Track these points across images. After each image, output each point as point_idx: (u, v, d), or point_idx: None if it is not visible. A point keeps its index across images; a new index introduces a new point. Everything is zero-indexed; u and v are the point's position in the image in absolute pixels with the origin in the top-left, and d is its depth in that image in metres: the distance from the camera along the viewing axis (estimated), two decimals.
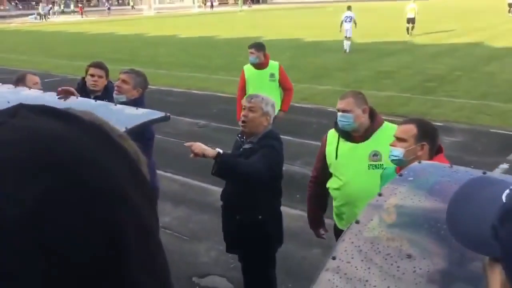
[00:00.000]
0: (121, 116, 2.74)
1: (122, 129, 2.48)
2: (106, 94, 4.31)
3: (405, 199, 1.57)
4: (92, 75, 4.43)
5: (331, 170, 3.41)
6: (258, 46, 6.60)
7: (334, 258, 1.43)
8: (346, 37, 19.92)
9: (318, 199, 3.65)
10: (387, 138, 3.14)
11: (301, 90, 13.52)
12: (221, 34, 29.45)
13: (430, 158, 2.65)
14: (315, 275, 1.45)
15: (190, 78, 16.15)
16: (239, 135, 3.45)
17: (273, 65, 6.66)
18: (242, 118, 3.29)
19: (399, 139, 2.72)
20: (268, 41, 26.33)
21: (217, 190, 6.67)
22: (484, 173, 1.73)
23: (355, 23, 19.99)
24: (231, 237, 3.59)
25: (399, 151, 2.69)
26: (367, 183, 3.00)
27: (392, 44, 21.95)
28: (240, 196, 3.42)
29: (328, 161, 3.40)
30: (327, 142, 3.45)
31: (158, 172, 7.36)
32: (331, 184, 3.45)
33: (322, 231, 3.79)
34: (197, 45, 25.39)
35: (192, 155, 2.96)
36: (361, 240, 1.46)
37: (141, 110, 2.83)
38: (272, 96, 6.41)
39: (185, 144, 3.02)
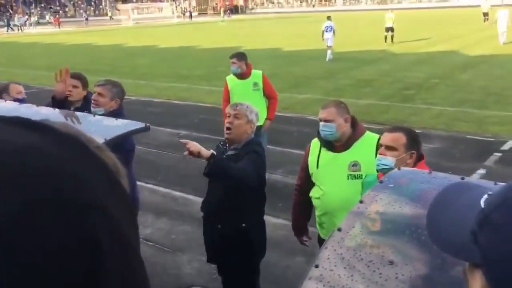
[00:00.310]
0: (99, 128, 2.72)
1: (101, 140, 2.45)
2: (86, 105, 4.26)
3: (386, 205, 1.58)
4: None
5: (313, 179, 3.42)
6: (240, 56, 6.57)
7: (317, 266, 1.43)
8: (327, 46, 20.15)
9: (302, 207, 3.66)
10: (368, 148, 3.17)
11: (282, 99, 13.49)
12: (201, 44, 29.46)
13: (414, 165, 2.67)
14: (299, 283, 1.44)
15: (170, 88, 16.10)
16: (221, 143, 3.48)
17: (256, 74, 6.64)
18: (227, 125, 3.32)
19: (388, 148, 2.68)
20: (249, 50, 26.39)
21: (199, 200, 6.60)
22: (462, 178, 1.76)
23: (334, 33, 20.23)
24: (213, 247, 3.56)
25: (389, 160, 2.66)
26: (346, 193, 3.02)
27: (371, 53, 22.25)
28: (221, 204, 3.40)
29: (310, 170, 3.41)
30: (310, 152, 3.47)
31: (139, 183, 7.29)
32: (313, 193, 3.46)
33: (305, 238, 3.79)
34: (177, 55, 25.34)
35: (186, 152, 2.92)
36: (343, 248, 1.46)
37: (120, 121, 2.80)
38: (257, 106, 6.40)
39: (180, 140, 2.99)
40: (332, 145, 3.30)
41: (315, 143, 3.46)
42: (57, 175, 0.40)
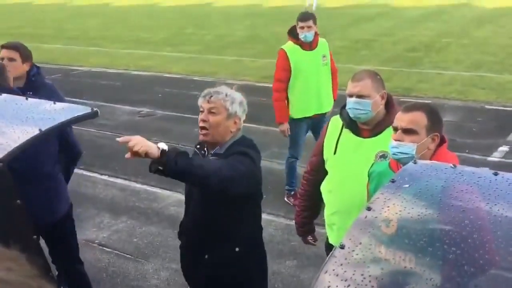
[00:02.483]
0: (34, 114, 2.54)
1: (35, 131, 2.27)
2: (30, 84, 4.05)
3: (402, 213, 1.47)
4: (2, 58, 4.16)
5: (326, 166, 3.22)
6: (314, 17, 5.68)
7: None
8: None
9: (311, 202, 3.49)
10: None
11: (264, 66, 13.40)
12: (163, 1, 28.97)
13: (435, 151, 2.56)
14: None
15: (128, 55, 15.80)
16: (198, 146, 3.04)
17: (323, 44, 5.85)
18: (201, 124, 2.88)
19: (407, 131, 2.51)
20: (222, 8, 26.12)
21: (166, 194, 6.56)
22: (496, 173, 1.65)
23: None
24: (196, 282, 3.23)
25: (409, 147, 2.49)
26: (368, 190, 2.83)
27: (370, 7, 22.14)
28: (207, 228, 2.98)
29: (326, 155, 3.21)
30: (328, 132, 3.26)
31: (90, 174, 7.16)
32: (323, 185, 3.27)
33: (310, 238, 3.67)
34: (135, 15, 24.87)
35: (128, 155, 2.39)
36: (348, 271, 1.35)
37: (60, 105, 2.62)
38: (326, 86, 5.87)
39: (118, 139, 2.47)
40: (357, 127, 3.10)
41: (335, 121, 3.24)
42: None
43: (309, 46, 5.70)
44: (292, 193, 6.00)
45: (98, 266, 4.91)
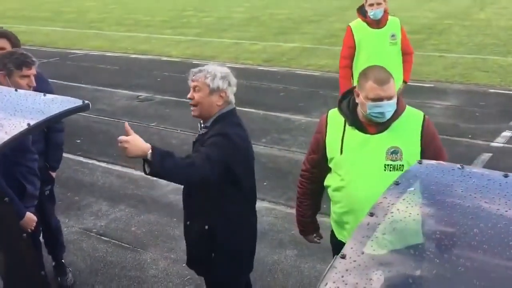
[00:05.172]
0: (23, 107, 2.45)
1: (23, 125, 2.17)
2: None
3: (406, 220, 1.38)
4: None
5: (331, 165, 3.10)
6: None
7: None
8: None
9: (313, 199, 3.38)
10: (410, 129, 2.89)
11: (264, 49, 13.28)
12: None
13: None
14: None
15: (127, 38, 15.63)
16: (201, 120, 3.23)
17: (394, 22, 5.76)
18: (190, 102, 3.12)
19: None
20: None
21: (165, 182, 6.36)
22: (506, 175, 1.56)
23: None
24: (187, 248, 3.43)
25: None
26: (381, 188, 2.65)
27: None
28: (188, 196, 3.27)
29: (330, 154, 3.08)
30: (329, 129, 3.09)
31: (88, 161, 7.07)
32: (330, 182, 3.15)
33: (315, 236, 3.50)
34: None
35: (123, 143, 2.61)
36: (350, 284, 1.27)
37: (50, 97, 2.52)
38: (393, 65, 5.59)
39: (119, 138, 2.64)
40: (363, 124, 2.98)
41: (335, 118, 3.08)
42: None
43: (376, 24, 5.64)
44: None
45: (95, 256, 4.84)
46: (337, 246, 3.18)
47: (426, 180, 1.52)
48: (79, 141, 7.43)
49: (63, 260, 4.60)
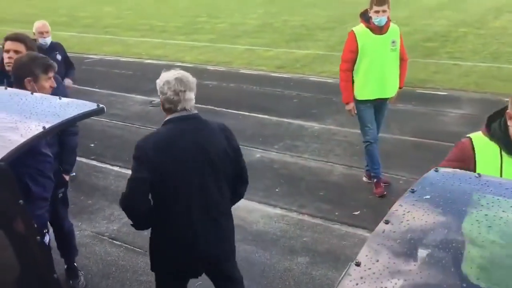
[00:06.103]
0: (38, 110, 2.46)
1: (39, 129, 2.17)
2: None
3: (423, 227, 1.36)
4: (7, 51, 4.08)
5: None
6: (389, 1, 5.69)
7: None
8: None
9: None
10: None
11: (277, 56, 13.29)
12: None
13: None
14: None
15: (142, 44, 15.71)
16: None
17: (394, 29, 5.84)
18: None
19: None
20: None
21: None
22: None
23: None
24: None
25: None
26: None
27: None
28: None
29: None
30: (478, 158, 2.66)
31: (102, 165, 7.11)
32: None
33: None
34: (150, 3, 24.75)
35: None
36: None
37: (65, 101, 2.54)
38: (392, 72, 5.94)
39: None
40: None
41: (484, 145, 2.70)
42: None
43: (379, 30, 5.70)
44: (373, 174, 5.95)
45: (107, 259, 4.85)
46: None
47: (442, 188, 1.50)
48: (92, 145, 7.47)
49: (75, 264, 4.61)
